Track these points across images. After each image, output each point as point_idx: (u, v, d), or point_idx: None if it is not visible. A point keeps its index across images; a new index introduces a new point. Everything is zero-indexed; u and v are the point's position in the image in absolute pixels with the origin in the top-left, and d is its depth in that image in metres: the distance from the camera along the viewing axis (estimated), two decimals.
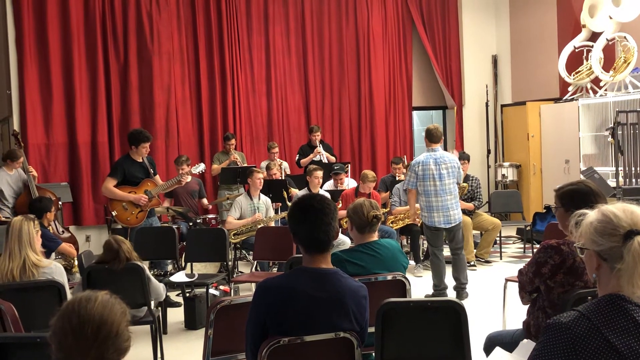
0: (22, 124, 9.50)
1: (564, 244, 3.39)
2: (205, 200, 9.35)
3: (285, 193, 8.45)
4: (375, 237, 3.98)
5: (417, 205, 8.61)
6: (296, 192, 8.76)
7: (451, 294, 7.10)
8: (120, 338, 1.90)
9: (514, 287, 4.59)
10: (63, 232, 8.31)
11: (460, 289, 7.12)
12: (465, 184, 8.71)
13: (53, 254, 6.48)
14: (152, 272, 6.53)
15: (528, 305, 3.64)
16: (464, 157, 9.10)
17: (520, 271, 3.63)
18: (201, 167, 7.96)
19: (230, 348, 3.49)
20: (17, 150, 8.21)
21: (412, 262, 8.37)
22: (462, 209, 8.65)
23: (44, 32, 9.63)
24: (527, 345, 2.87)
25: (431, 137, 7.14)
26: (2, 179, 7.97)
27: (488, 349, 3.71)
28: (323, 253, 2.91)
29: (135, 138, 7.17)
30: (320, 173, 8.48)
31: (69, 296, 4.21)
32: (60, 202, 8.66)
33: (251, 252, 7.91)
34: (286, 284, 2.85)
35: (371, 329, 3.12)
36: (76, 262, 6.89)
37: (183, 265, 7.27)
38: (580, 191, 3.47)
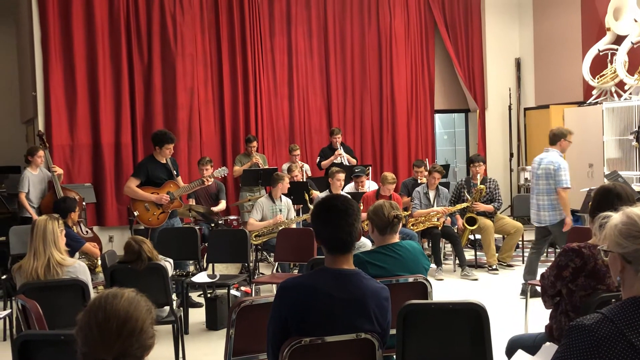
0: (47, 125, 9.61)
1: (585, 247, 3.37)
2: (222, 204, 9.13)
3: (306, 195, 8.46)
4: (396, 238, 3.97)
5: (439, 209, 8.63)
6: (317, 194, 8.77)
7: None
8: (145, 335, 1.92)
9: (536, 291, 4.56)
10: (87, 232, 8.39)
11: None
12: (482, 186, 8.67)
13: (77, 254, 6.54)
14: (174, 272, 6.56)
15: (550, 309, 3.61)
16: (478, 160, 9.00)
17: (542, 275, 3.61)
18: (223, 171, 7.98)
19: (252, 348, 3.51)
20: (35, 146, 8.29)
21: (432, 265, 8.33)
22: (482, 212, 8.66)
23: (69, 34, 9.74)
24: (549, 349, 2.86)
25: (549, 138, 7.38)
26: (28, 179, 8.06)
27: (510, 352, 3.69)
28: (345, 254, 2.92)
29: (160, 139, 7.20)
30: (342, 175, 8.50)
31: (93, 295, 4.25)
32: (84, 203, 8.74)
33: (272, 254, 7.93)
34: (308, 284, 2.86)
35: (392, 331, 3.11)
36: (99, 262, 6.95)
37: (205, 266, 7.31)
38: (603, 192, 3.48)
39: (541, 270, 3.61)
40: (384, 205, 3.94)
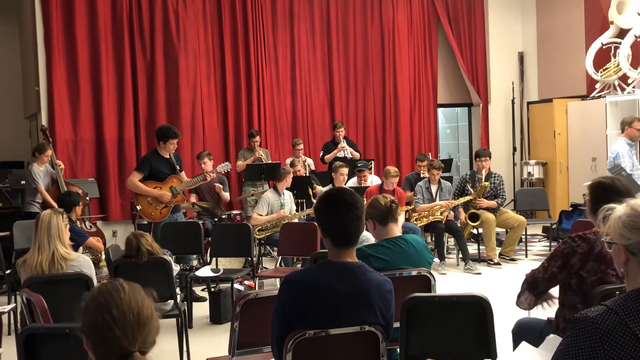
0: (50, 120, 9.62)
1: (589, 232, 3.35)
2: (227, 195, 9.26)
3: (310, 189, 8.47)
4: (399, 231, 3.99)
5: (442, 203, 8.63)
6: (320, 189, 8.78)
7: None
8: (155, 318, 1.95)
9: None
10: (91, 227, 8.41)
11: None
12: (487, 183, 8.65)
13: (80, 248, 6.56)
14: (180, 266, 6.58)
15: (527, 310, 3.61)
16: (484, 154, 8.99)
17: (533, 271, 3.53)
18: (226, 166, 7.99)
19: (256, 341, 3.52)
20: (44, 143, 8.32)
21: (436, 260, 8.33)
22: (485, 207, 8.65)
23: (72, 29, 9.75)
24: (553, 340, 2.86)
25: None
26: (37, 174, 8.08)
27: (516, 335, 3.69)
28: (350, 247, 2.92)
29: (164, 134, 7.21)
30: (345, 170, 8.50)
31: None
32: (87, 198, 8.76)
33: (275, 248, 7.94)
34: (312, 277, 2.87)
35: (396, 324, 3.12)
36: (103, 257, 6.97)
37: (208, 260, 7.32)
38: (602, 188, 3.45)
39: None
40: (377, 197, 4.01)
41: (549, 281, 3.42)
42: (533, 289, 3.48)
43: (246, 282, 7.32)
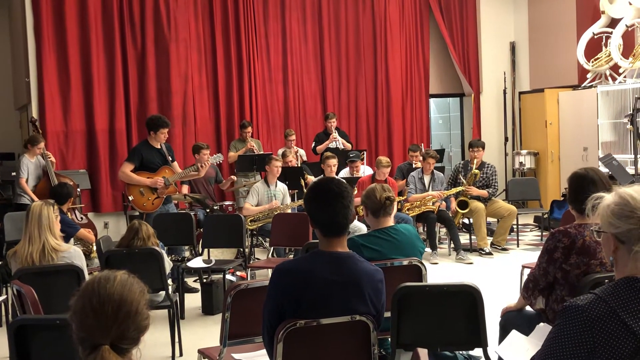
0: (40, 112, 9.57)
1: (570, 227, 3.40)
2: (225, 183, 9.34)
3: (302, 180, 8.46)
4: (391, 222, 3.99)
5: (434, 193, 8.64)
6: (312, 179, 8.77)
7: None
8: (140, 316, 1.91)
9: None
10: (82, 218, 8.39)
11: None
12: (477, 171, 8.66)
13: (72, 240, 6.54)
14: (169, 257, 6.58)
15: (530, 305, 3.64)
16: (478, 145, 8.99)
17: (531, 272, 3.61)
18: (219, 157, 7.94)
19: (247, 331, 3.52)
20: (37, 135, 8.29)
21: (427, 249, 8.35)
22: (475, 196, 8.67)
23: (62, 19, 9.68)
24: (543, 329, 2.88)
25: None
26: (27, 166, 8.05)
27: (504, 327, 3.71)
28: (340, 237, 2.92)
29: (154, 123, 7.17)
30: (334, 161, 8.46)
31: None
32: (78, 189, 8.73)
33: (268, 239, 7.94)
34: (303, 267, 2.87)
35: (387, 314, 3.12)
36: (94, 248, 6.95)
37: (200, 251, 7.31)
38: (577, 178, 3.51)
39: (536, 254, 3.61)
40: (376, 188, 3.97)
41: (544, 276, 3.48)
42: (537, 287, 3.54)
43: (238, 273, 7.32)
